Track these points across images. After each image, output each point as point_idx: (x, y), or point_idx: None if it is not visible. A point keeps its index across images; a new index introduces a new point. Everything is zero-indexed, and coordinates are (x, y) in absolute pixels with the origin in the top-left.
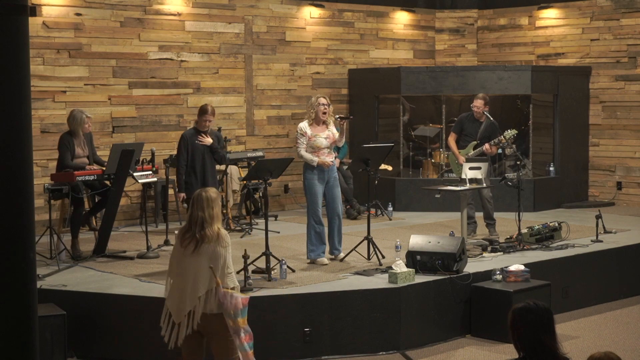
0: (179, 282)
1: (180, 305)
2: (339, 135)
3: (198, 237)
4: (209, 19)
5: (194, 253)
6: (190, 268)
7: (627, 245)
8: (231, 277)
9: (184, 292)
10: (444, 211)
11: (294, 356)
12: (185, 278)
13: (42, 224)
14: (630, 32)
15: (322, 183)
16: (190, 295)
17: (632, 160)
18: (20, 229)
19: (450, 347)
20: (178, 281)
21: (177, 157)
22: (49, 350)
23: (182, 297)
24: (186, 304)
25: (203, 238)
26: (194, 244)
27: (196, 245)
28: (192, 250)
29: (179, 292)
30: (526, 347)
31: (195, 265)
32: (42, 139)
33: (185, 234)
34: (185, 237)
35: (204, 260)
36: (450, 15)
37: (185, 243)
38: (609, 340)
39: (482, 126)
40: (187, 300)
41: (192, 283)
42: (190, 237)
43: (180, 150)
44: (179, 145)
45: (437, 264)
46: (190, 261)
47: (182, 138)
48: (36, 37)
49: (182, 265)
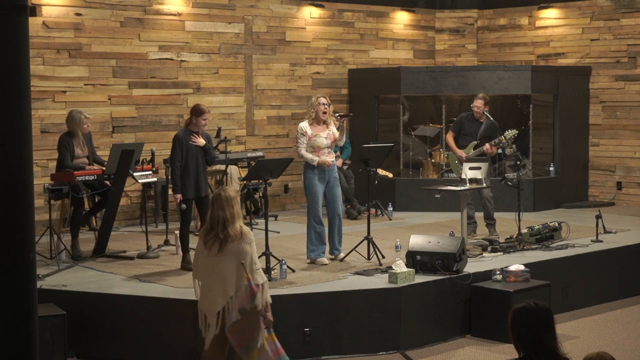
0: (208, 283)
1: (214, 305)
2: (339, 134)
3: (222, 237)
4: (209, 19)
5: (219, 253)
6: (217, 268)
7: (627, 245)
8: (259, 272)
9: (215, 292)
10: (444, 211)
11: (294, 356)
12: (213, 278)
13: (42, 224)
14: (630, 32)
15: (323, 183)
16: (221, 295)
17: (632, 160)
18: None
19: (450, 347)
20: (207, 282)
21: (172, 158)
22: (49, 350)
23: (213, 297)
24: (217, 303)
25: (227, 237)
26: (218, 244)
27: (220, 245)
28: (217, 251)
29: (209, 292)
30: (526, 347)
31: (222, 265)
32: (42, 139)
33: (208, 235)
34: (208, 238)
35: (231, 260)
36: (450, 15)
37: (209, 244)
38: (609, 340)
39: (482, 126)
40: (219, 299)
41: (221, 283)
42: (214, 237)
43: (175, 150)
44: (174, 146)
45: (437, 264)
46: (216, 261)
47: (176, 138)
48: (36, 37)
49: (208, 266)
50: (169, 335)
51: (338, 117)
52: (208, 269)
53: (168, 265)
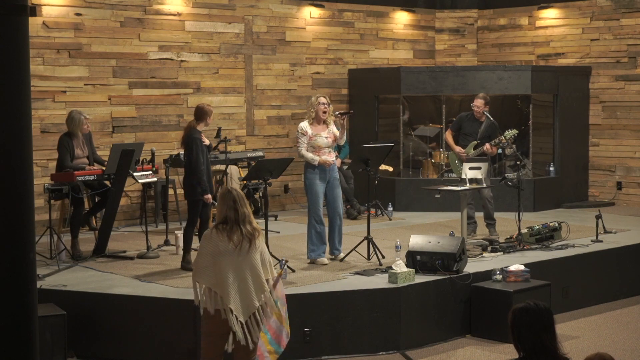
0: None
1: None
2: (340, 132)
3: (252, 233)
4: (209, 19)
5: (250, 250)
6: (247, 266)
7: (627, 245)
8: (271, 266)
9: (249, 290)
10: (444, 211)
11: (294, 356)
12: (244, 276)
13: (42, 224)
14: (630, 32)
15: (323, 182)
16: (256, 291)
17: (632, 160)
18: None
19: (450, 347)
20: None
21: (195, 160)
22: (49, 350)
23: (249, 295)
24: (254, 300)
25: (254, 233)
26: (248, 240)
27: (250, 242)
28: (248, 249)
29: (243, 291)
30: (526, 347)
31: (254, 262)
32: (42, 139)
33: (233, 234)
34: (235, 237)
35: (258, 255)
36: (450, 15)
37: (236, 241)
38: (609, 340)
39: (482, 126)
40: (254, 296)
41: (253, 279)
42: (241, 235)
43: (197, 151)
44: (195, 148)
45: (437, 264)
46: (246, 259)
47: (196, 140)
48: (36, 37)
49: (239, 265)
50: (169, 335)
51: (338, 115)
52: (238, 268)
53: (168, 265)
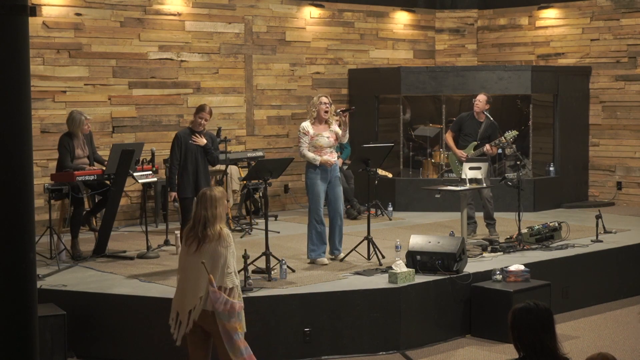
0: (182, 280)
1: (184, 303)
2: (342, 130)
3: (200, 236)
4: (209, 19)
5: (196, 252)
6: (192, 267)
7: (627, 245)
8: (230, 277)
9: (187, 291)
10: (444, 211)
11: (294, 356)
12: (187, 277)
13: (42, 224)
14: (630, 32)
15: (325, 182)
16: (191, 293)
17: (632, 160)
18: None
19: (450, 347)
20: (181, 280)
21: (170, 156)
22: (49, 350)
23: (186, 295)
24: (188, 302)
25: (205, 237)
26: (196, 243)
27: (198, 245)
28: (194, 250)
29: (182, 290)
30: (526, 347)
31: (197, 265)
32: (42, 139)
33: (189, 233)
34: (189, 236)
35: (204, 258)
36: (450, 15)
37: (189, 242)
38: (609, 340)
39: (482, 126)
40: (189, 298)
41: (193, 282)
42: (193, 236)
43: (174, 149)
44: (173, 144)
45: (437, 264)
46: (192, 260)
47: (176, 137)
48: (36, 37)
49: (185, 264)
50: (168, 335)
51: (340, 112)
52: (185, 267)
53: (168, 265)
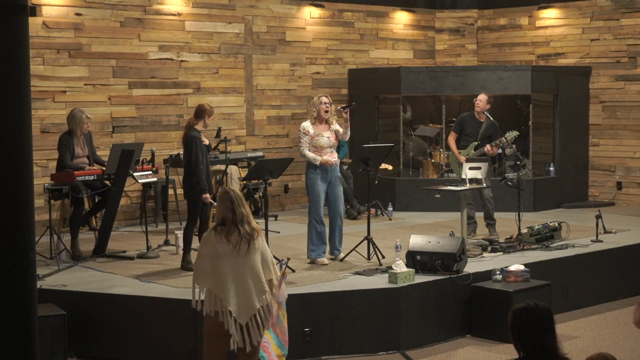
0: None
1: (248, 305)
2: (344, 127)
3: (250, 233)
4: (209, 19)
5: (249, 251)
6: (247, 267)
7: (627, 245)
8: (274, 266)
9: (249, 292)
10: (444, 211)
11: (294, 356)
12: (244, 277)
13: (42, 224)
14: (630, 32)
15: (325, 182)
16: (257, 293)
17: (632, 160)
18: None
19: (450, 347)
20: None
21: (195, 159)
22: (49, 350)
23: (249, 296)
24: (255, 302)
25: (254, 234)
26: (246, 242)
27: (249, 243)
28: (247, 249)
29: (243, 293)
30: (526, 347)
31: (254, 263)
32: (42, 139)
33: (231, 235)
34: (232, 238)
35: (258, 256)
36: (450, 15)
37: (235, 242)
38: (609, 340)
39: (483, 126)
40: (255, 298)
41: (253, 281)
42: (240, 236)
43: (197, 151)
44: (195, 148)
45: (437, 264)
46: (246, 260)
47: (195, 139)
48: (36, 37)
49: (237, 267)
50: (169, 335)
51: (341, 109)
52: (237, 270)
53: (168, 265)
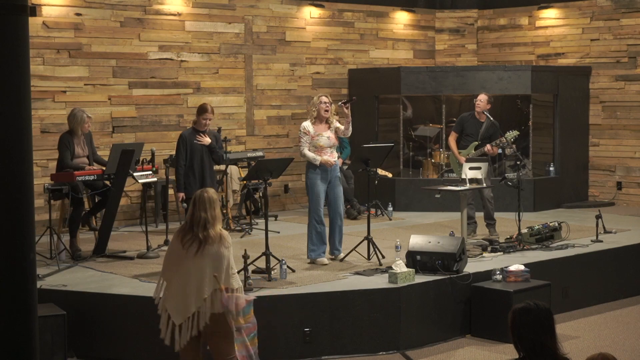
0: (181, 283)
1: (184, 306)
2: (345, 124)
3: (201, 238)
4: (209, 19)
5: (197, 255)
6: (194, 270)
7: (627, 245)
8: (235, 277)
9: (188, 294)
10: (444, 211)
11: (294, 356)
12: (188, 279)
13: (42, 224)
14: (630, 32)
15: (325, 182)
16: (195, 296)
17: (632, 160)
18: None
19: (450, 347)
20: (179, 283)
21: (176, 157)
22: (49, 350)
23: (186, 298)
24: (191, 305)
25: (206, 239)
26: (197, 245)
27: (199, 247)
28: (195, 252)
29: (181, 293)
30: (526, 347)
31: (199, 267)
32: (42, 139)
33: (186, 235)
34: (187, 239)
35: (208, 262)
36: (450, 15)
37: (187, 244)
38: (609, 340)
39: (483, 126)
40: (192, 301)
41: (196, 284)
42: (193, 238)
43: (179, 149)
44: (178, 145)
45: (437, 264)
46: (193, 263)
47: (180, 137)
48: (36, 37)
49: (184, 266)
50: None
51: (341, 104)
52: (183, 270)
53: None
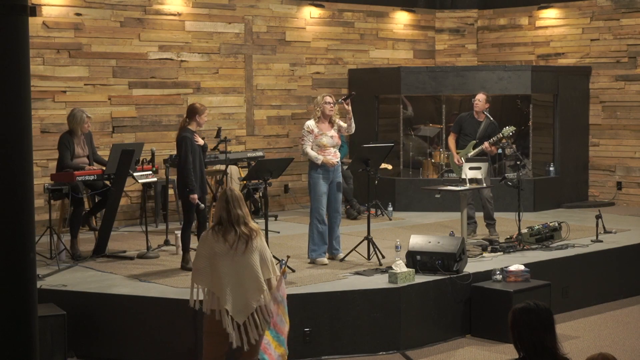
0: (235, 282)
1: (244, 304)
2: (347, 121)
3: (247, 234)
4: (209, 19)
5: (247, 251)
6: (244, 266)
7: (627, 245)
8: (274, 265)
9: (246, 291)
10: (444, 211)
11: (294, 356)
12: (242, 277)
13: (42, 224)
14: (630, 32)
15: (327, 182)
16: (254, 291)
17: (632, 160)
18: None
19: (450, 347)
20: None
21: (184, 159)
22: (49, 350)
23: (245, 295)
24: (252, 301)
25: (252, 234)
26: (244, 242)
27: (247, 243)
28: (244, 249)
29: (239, 292)
30: (526, 347)
31: (251, 262)
32: (42, 139)
33: (227, 235)
34: (229, 238)
35: (256, 256)
36: (450, 15)
37: (232, 243)
38: (609, 340)
39: (482, 126)
40: (252, 297)
41: (251, 280)
42: (236, 236)
43: (187, 151)
44: (184, 147)
45: (437, 264)
46: (243, 260)
47: (185, 139)
48: (36, 37)
49: (236, 265)
50: (168, 335)
51: (342, 100)
52: (235, 268)
53: (168, 265)
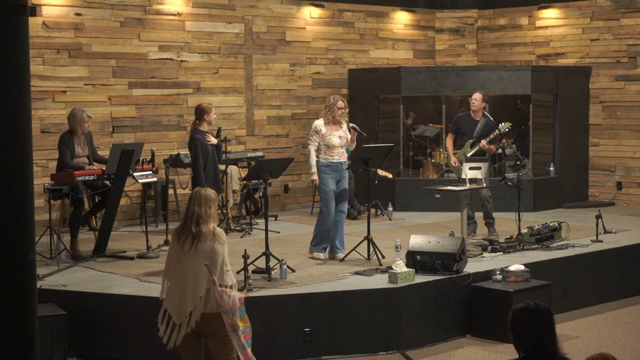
0: (179, 282)
1: (182, 305)
2: (350, 142)
3: (194, 233)
4: (209, 19)
5: (191, 251)
6: (190, 267)
7: (627, 245)
8: (229, 274)
9: (185, 292)
10: (444, 211)
11: (294, 356)
12: (185, 278)
13: (42, 224)
14: (630, 32)
15: (335, 181)
16: (191, 294)
17: (632, 160)
18: (20, 229)
19: (450, 347)
20: (177, 281)
21: (196, 161)
22: (49, 350)
23: (183, 297)
24: (188, 303)
25: (199, 234)
26: (190, 240)
27: (192, 242)
28: (189, 248)
29: (179, 292)
30: (526, 347)
31: (195, 265)
32: (42, 139)
33: (181, 231)
34: (181, 235)
35: (203, 259)
36: (450, 15)
37: (182, 240)
38: (609, 340)
39: (479, 125)
40: (189, 300)
41: (192, 282)
42: (186, 233)
43: (197, 153)
44: (196, 148)
45: (437, 264)
46: (188, 260)
47: (195, 141)
48: (36, 37)
49: (181, 264)
50: None
51: (352, 127)
52: (180, 268)
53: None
